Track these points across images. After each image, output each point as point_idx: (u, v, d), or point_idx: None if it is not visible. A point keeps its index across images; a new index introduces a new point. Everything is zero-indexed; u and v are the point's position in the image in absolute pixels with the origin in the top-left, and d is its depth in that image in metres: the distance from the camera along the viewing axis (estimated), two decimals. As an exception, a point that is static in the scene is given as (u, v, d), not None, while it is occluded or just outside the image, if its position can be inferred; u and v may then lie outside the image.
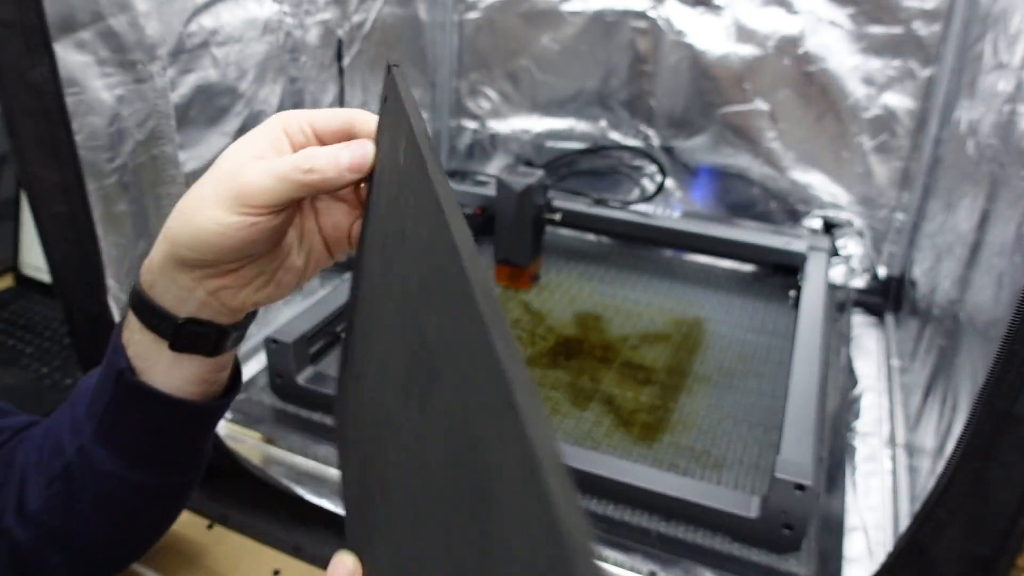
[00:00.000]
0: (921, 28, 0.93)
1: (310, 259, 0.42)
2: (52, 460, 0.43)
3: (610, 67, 1.13)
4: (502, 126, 1.24)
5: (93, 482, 0.43)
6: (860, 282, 1.05)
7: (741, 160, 1.10)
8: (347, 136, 0.39)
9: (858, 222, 1.05)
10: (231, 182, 0.36)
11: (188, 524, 0.67)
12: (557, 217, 0.99)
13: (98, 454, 0.42)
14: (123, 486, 0.43)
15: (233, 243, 0.36)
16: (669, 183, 1.15)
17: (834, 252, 1.03)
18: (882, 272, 1.05)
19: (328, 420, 0.74)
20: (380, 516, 0.29)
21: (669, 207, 1.08)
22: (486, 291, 0.22)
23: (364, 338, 0.35)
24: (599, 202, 1.05)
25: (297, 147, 0.38)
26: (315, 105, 0.96)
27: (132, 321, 0.41)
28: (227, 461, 0.67)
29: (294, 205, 0.38)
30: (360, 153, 0.36)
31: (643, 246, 1.12)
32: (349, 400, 0.38)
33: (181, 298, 0.39)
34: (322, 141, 0.39)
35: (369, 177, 0.37)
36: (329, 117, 0.39)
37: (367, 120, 0.39)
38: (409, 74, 1.16)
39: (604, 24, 1.11)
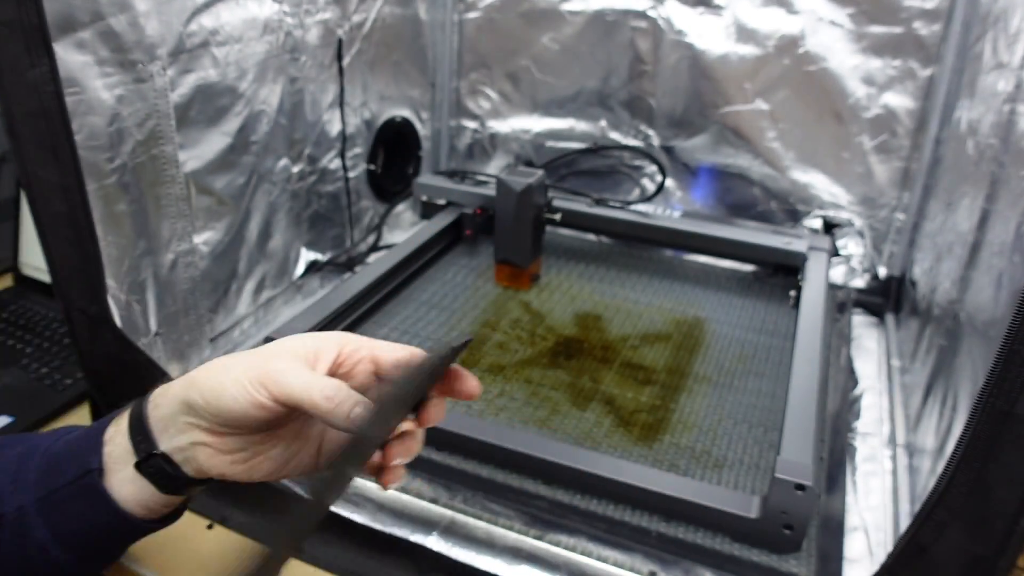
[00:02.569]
0: (921, 28, 0.93)
1: (294, 459, 0.44)
2: None
3: (610, 67, 1.13)
4: (502, 126, 1.24)
5: (19, 542, 0.42)
6: (860, 282, 1.04)
7: (741, 160, 1.10)
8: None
9: (858, 222, 1.05)
10: (268, 368, 0.39)
11: (188, 524, 0.66)
12: (557, 217, 0.99)
13: (35, 522, 0.42)
14: (45, 558, 0.43)
15: (238, 411, 0.39)
16: (669, 183, 1.15)
17: (834, 252, 1.03)
18: (882, 272, 1.05)
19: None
20: None
21: (669, 207, 1.08)
22: None
23: None
24: (599, 202, 1.05)
25: (347, 367, 0.42)
26: (314, 104, 0.96)
27: (123, 424, 0.42)
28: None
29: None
30: (368, 416, 0.38)
31: (643, 246, 1.12)
32: None
33: (169, 433, 0.41)
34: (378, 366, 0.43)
35: None
36: (390, 351, 0.43)
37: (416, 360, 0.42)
38: (409, 74, 1.16)
39: (604, 24, 1.11)
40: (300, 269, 1.00)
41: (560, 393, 0.79)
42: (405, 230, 1.22)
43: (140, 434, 0.41)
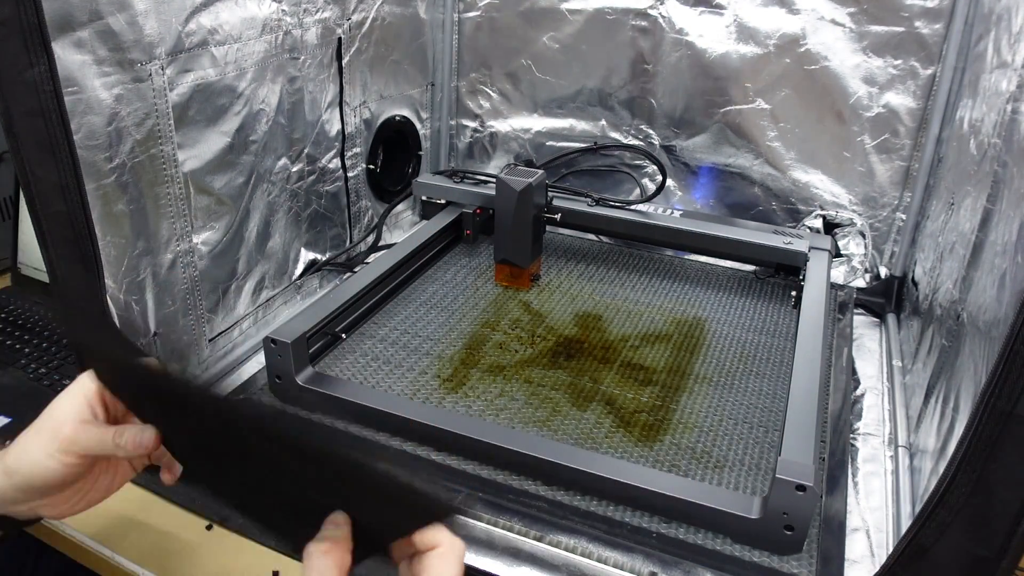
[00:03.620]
0: (923, 27, 0.93)
1: (117, 476, 0.52)
2: None
3: (610, 66, 1.13)
4: (502, 125, 1.24)
5: None
6: (861, 282, 1.04)
7: (742, 159, 1.10)
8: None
9: (859, 222, 1.05)
10: (64, 436, 0.47)
11: (188, 525, 0.67)
12: (557, 217, 0.99)
13: None
14: None
15: (58, 479, 0.47)
16: (669, 183, 1.14)
17: (836, 252, 1.03)
18: (884, 272, 1.05)
19: (327, 420, 0.74)
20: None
21: (669, 207, 1.08)
22: None
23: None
24: (599, 202, 1.05)
25: (110, 412, 0.49)
26: (313, 103, 0.95)
27: None
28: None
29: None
30: (149, 440, 0.46)
31: (643, 246, 1.11)
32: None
33: (3, 505, 0.48)
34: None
35: None
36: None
37: None
38: (409, 73, 1.15)
39: (605, 23, 1.11)
40: (299, 269, 1.00)
41: (560, 393, 0.79)
42: (405, 230, 1.22)
43: None
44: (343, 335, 0.84)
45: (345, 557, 0.38)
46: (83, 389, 0.49)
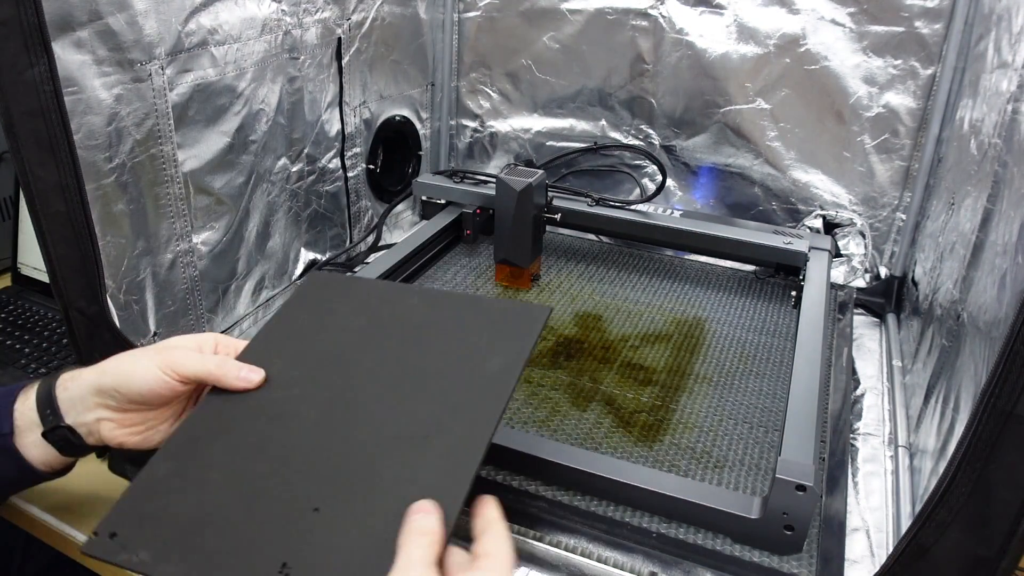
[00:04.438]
0: (923, 27, 0.93)
1: (175, 425, 0.55)
2: None
3: (611, 66, 1.13)
4: (502, 125, 1.24)
5: None
6: (862, 282, 1.04)
7: (742, 159, 1.10)
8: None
9: (859, 222, 1.05)
10: (170, 355, 0.52)
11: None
12: (557, 217, 0.99)
13: None
14: None
15: (147, 390, 0.51)
16: (669, 183, 1.14)
17: (836, 252, 1.03)
18: (884, 272, 1.05)
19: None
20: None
21: (669, 207, 1.08)
22: None
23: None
24: (599, 202, 1.05)
25: (223, 353, 0.55)
26: (313, 104, 0.95)
27: (30, 398, 0.53)
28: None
29: (196, 388, 0.54)
30: (255, 377, 0.52)
31: (643, 246, 1.11)
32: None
33: (76, 411, 0.52)
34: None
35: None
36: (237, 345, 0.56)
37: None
38: (409, 73, 1.15)
39: (605, 23, 1.11)
40: (299, 269, 1.00)
41: (560, 393, 0.79)
42: (405, 230, 1.22)
43: (48, 409, 0.52)
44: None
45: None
46: (193, 335, 0.56)
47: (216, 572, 0.41)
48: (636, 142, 1.16)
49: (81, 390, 0.52)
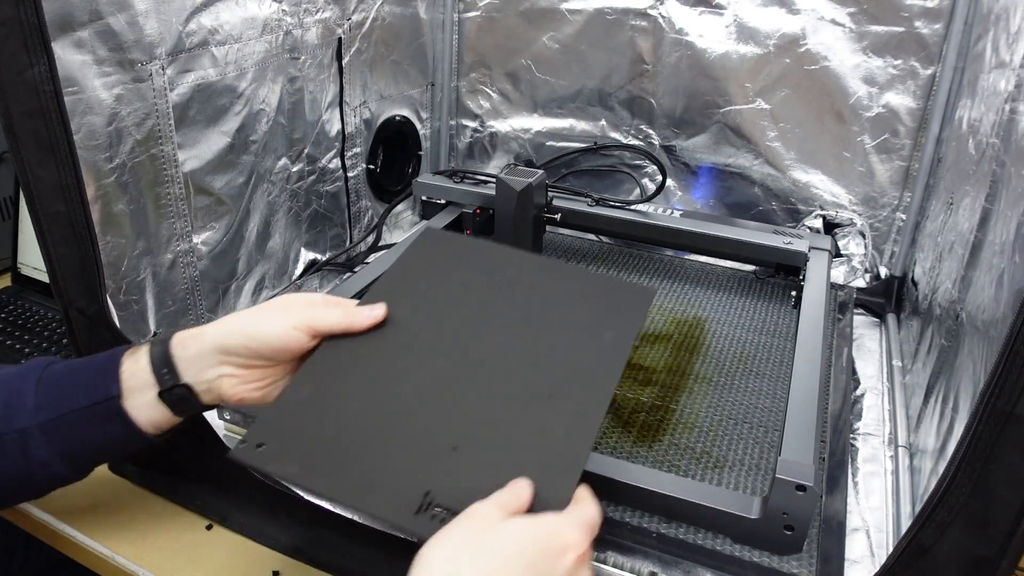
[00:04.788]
0: (923, 27, 0.93)
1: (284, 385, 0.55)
2: None
3: (610, 66, 1.13)
4: (502, 125, 1.24)
5: (17, 459, 0.51)
6: (861, 282, 1.04)
7: (742, 160, 1.10)
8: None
9: (859, 222, 1.05)
10: (303, 311, 0.52)
11: (188, 525, 0.67)
12: (557, 217, 0.99)
13: (37, 441, 0.51)
14: (45, 473, 0.52)
15: (279, 345, 0.51)
16: (669, 183, 1.14)
17: (835, 252, 1.03)
18: (883, 272, 1.05)
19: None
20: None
21: (669, 207, 1.08)
22: None
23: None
24: (599, 202, 1.05)
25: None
26: (314, 104, 0.95)
27: (142, 358, 0.52)
28: (226, 462, 0.66)
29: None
30: (379, 311, 0.54)
31: (643, 246, 1.11)
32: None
33: (195, 368, 0.52)
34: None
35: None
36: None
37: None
38: (409, 73, 1.15)
39: (604, 23, 1.11)
40: (299, 269, 1.00)
41: (560, 393, 0.79)
42: (405, 230, 1.22)
43: (165, 368, 0.52)
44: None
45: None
46: (304, 294, 0.58)
47: (364, 490, 0.44)
48: (636, 142, 1.16)
49: (203, 347, 0.52)
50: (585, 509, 0.44)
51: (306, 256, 1.01)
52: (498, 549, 0.39)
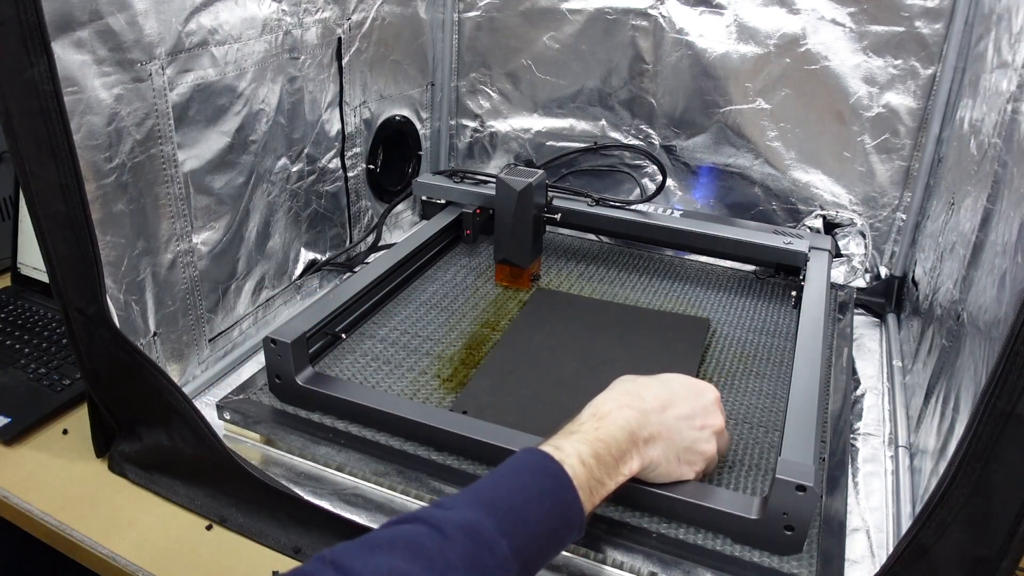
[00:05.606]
0: (923, 27, 0.93)
1: None
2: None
3: (611, 66, 1.13)
4: (502, 125, 1.24)
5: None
6: (862, 282, 1.04)
7: (742, 159, 1.10)
8: None
9: (860, 222, 1.05)
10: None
11: (187, 525, 0.67)
12: (557, 217, 0.99)
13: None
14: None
15: None
16: (669, 183, 1.14)
17: (836, 252, 1.03)
18: (884, 272, 1.05)
19: (327, 420, 0.74)
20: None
21: (669, 207, 1.08)
22: None
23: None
24: (599, 202, 1.05)
25: None
26: (313, 104, 0.95)
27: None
28: (226, 462, 0.66)
29: None
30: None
31: (643, 246, 1.11)
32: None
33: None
34: None
35: None
36: None
37: None
38: (409, 73, 1.15)
39: (605, 22, 1.11)
40: (299, 269, 1.00)
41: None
42: (405, 230, 1.22)
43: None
44: (343, 335, 0.84)
45: None
46: None
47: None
48: (636, 142, 1.16)
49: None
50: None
51: (306, 256, 1.01)
52: (661, 378, 0.63)
